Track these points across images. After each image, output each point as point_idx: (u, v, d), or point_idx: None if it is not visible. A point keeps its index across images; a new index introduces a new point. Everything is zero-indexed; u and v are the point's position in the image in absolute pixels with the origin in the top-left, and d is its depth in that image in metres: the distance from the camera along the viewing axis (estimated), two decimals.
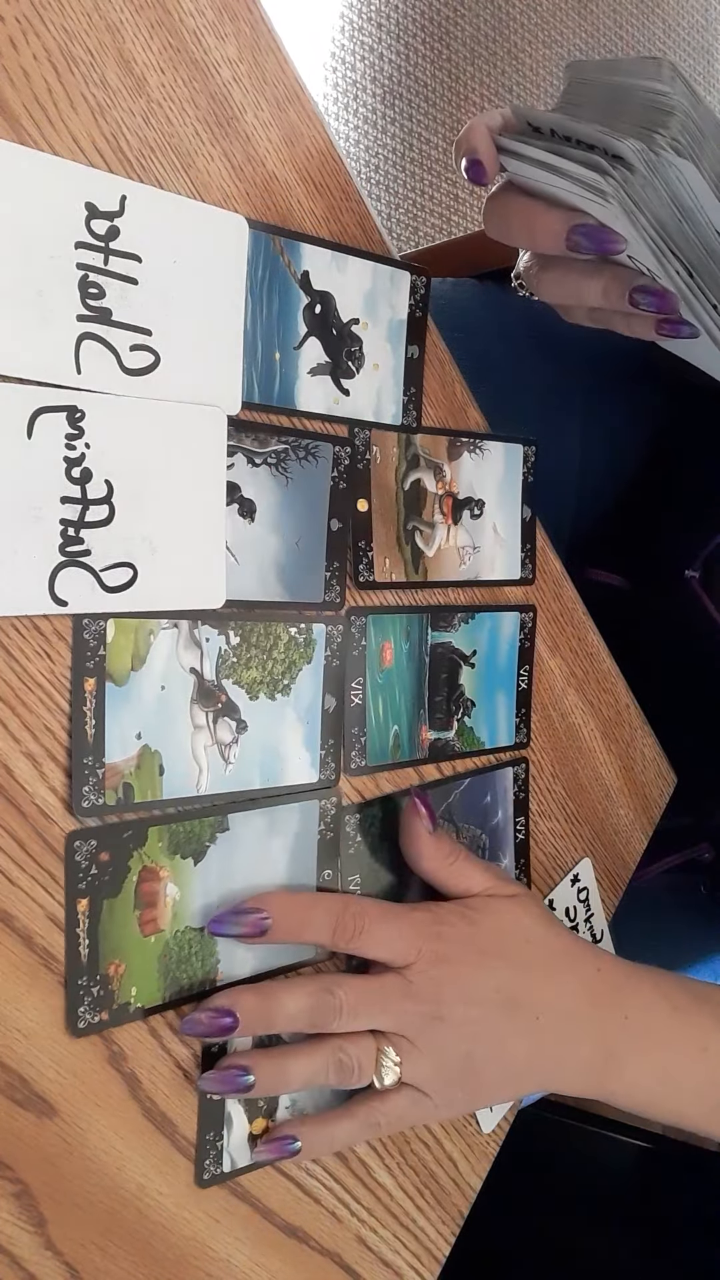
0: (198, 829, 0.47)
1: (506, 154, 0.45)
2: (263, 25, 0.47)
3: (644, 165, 0.41)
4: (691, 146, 0.41)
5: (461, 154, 0.46)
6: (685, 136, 0.41)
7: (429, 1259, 0.59)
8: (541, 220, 0.46)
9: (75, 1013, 0.43)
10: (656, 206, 0.43)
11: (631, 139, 0.41)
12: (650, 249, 0.44)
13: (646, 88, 0.42)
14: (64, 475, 0.41)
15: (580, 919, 0.65)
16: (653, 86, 0.42)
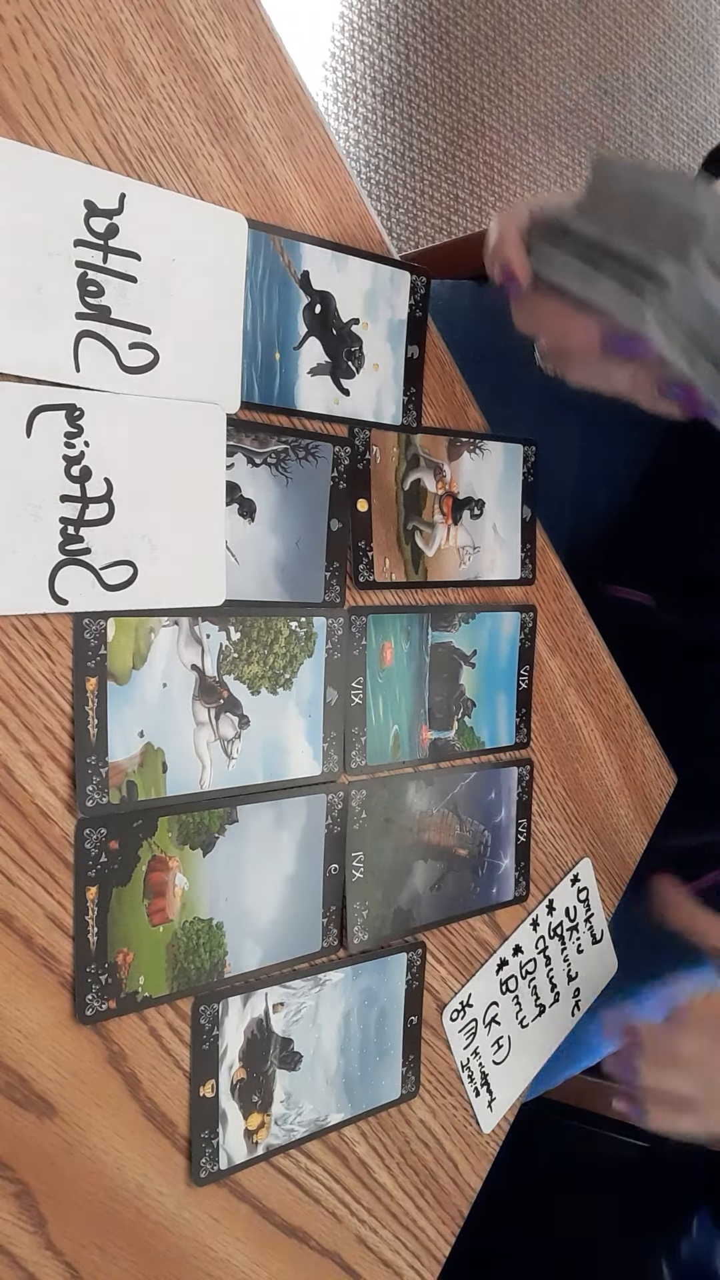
0: (207, 820, 0.47)
1: (540, 259, 0.47)
2: (263, 25, 0.47)
3: (681, 284, 0.43)
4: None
5: (495, 264, 0.48)
6: (717, 245, 0.43)
7: (429, 1259, 0.59)
8: (574, 324, 0.47)
9: (83, 1000, 0.43)
10: (690, 317, 0.44)
11: (670, 260, 0.43)
12: (681, 351, 0.46)
13: (679, 206, 0.43)
14: (63, 473, 0.41)
15: (580, 919, 0.65)
16: (687, 207, 0.43)
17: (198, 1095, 0.47)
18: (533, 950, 0.63)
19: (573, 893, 0.65)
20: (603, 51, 1.78)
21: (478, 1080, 0.60)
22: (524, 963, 0.62)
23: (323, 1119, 0.53)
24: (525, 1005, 0.63)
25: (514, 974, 0.62)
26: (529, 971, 0.63)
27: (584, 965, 0.67)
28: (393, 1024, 0.56)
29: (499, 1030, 0.61)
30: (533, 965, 0.63)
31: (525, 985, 0.62)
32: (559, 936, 0.64)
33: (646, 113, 1.87)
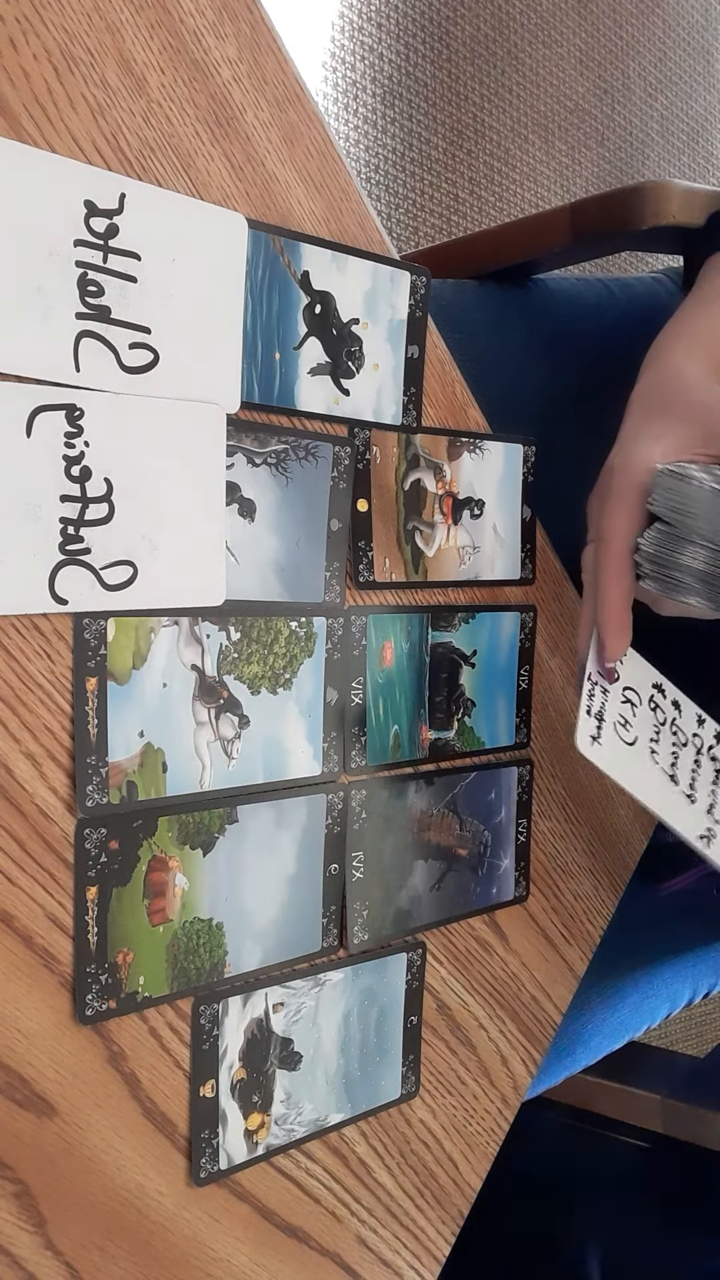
0: (207, 820, 0.47)
1: (663, 580, 0.51)
2: (263, 25, 0.47)
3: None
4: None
5: (605, 659, 0.53)
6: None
7: (429, 1259, 0.59)
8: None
9: (83, 1000, 0.43)
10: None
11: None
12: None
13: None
14: (63, 473, 0.41)
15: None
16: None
17: (198, 1095, 0.47)
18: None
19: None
20: (603, 51, 1.78)
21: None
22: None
23: (323, 1119, 0.53)
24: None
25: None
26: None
27: None
28: (393, 1024, 0.56)
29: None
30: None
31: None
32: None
33: (646, 113, 1.87)
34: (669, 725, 0.57)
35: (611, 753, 0.53)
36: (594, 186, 1.79)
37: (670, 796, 0.56)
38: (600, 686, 0.53)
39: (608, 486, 0.52)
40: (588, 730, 0.52)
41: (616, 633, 0.52)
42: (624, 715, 0.54)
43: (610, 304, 0.82)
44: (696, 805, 0.56)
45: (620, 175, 1.84)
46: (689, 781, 0.57)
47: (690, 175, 1.98)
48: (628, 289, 0.84)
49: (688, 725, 0.58)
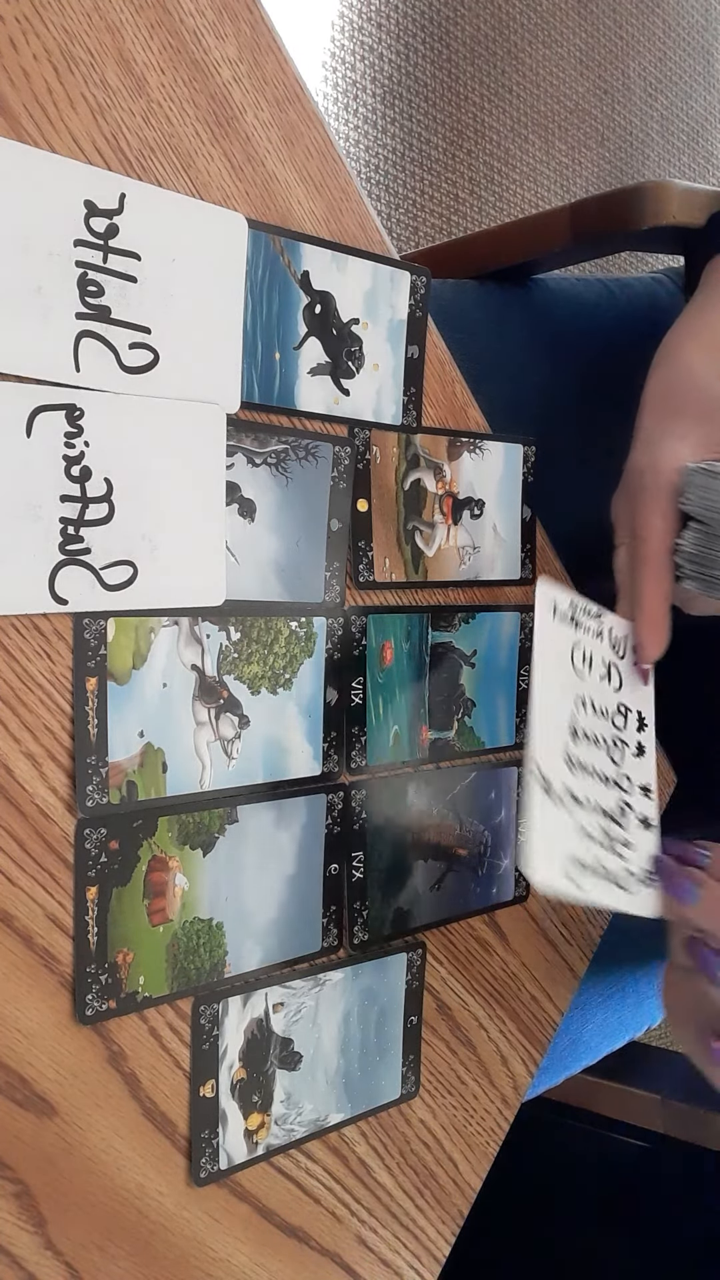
0: (207, 820, 0.47)
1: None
2: (263, 25, 0.47)
3: None
4: None
5: (643, 659, 0.53)
6: None
7: (429, 1259, 0.59)
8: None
9: (83, 1000, 0.43)
10: None
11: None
12: None
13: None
14: (63, 474, 0.41)
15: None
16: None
17: (198, 1095, 0.48)
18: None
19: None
20: (603, 51, 1.78)
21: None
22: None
23: (323, 1119, 0.53)
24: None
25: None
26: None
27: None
28: (393, 1024, 0.56)
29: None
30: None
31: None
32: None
33: (646, 113, 1.87)
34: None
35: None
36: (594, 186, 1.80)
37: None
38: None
39: (637, 487, 0.51)
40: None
41: (655, 631, 0.51)
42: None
43: (610, 304, 0.82)
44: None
45: (620, 175, 1.85)
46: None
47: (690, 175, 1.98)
48: (627, 289, 0.84)
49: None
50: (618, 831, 0.49)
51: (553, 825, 0.46)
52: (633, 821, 0.51)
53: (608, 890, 0.47)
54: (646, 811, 0.52)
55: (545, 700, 0.48)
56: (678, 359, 0.54)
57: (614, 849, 0.48)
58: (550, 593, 0.50)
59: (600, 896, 0.46)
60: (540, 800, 0.45)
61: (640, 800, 0.52)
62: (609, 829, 0.49)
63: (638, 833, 0.51)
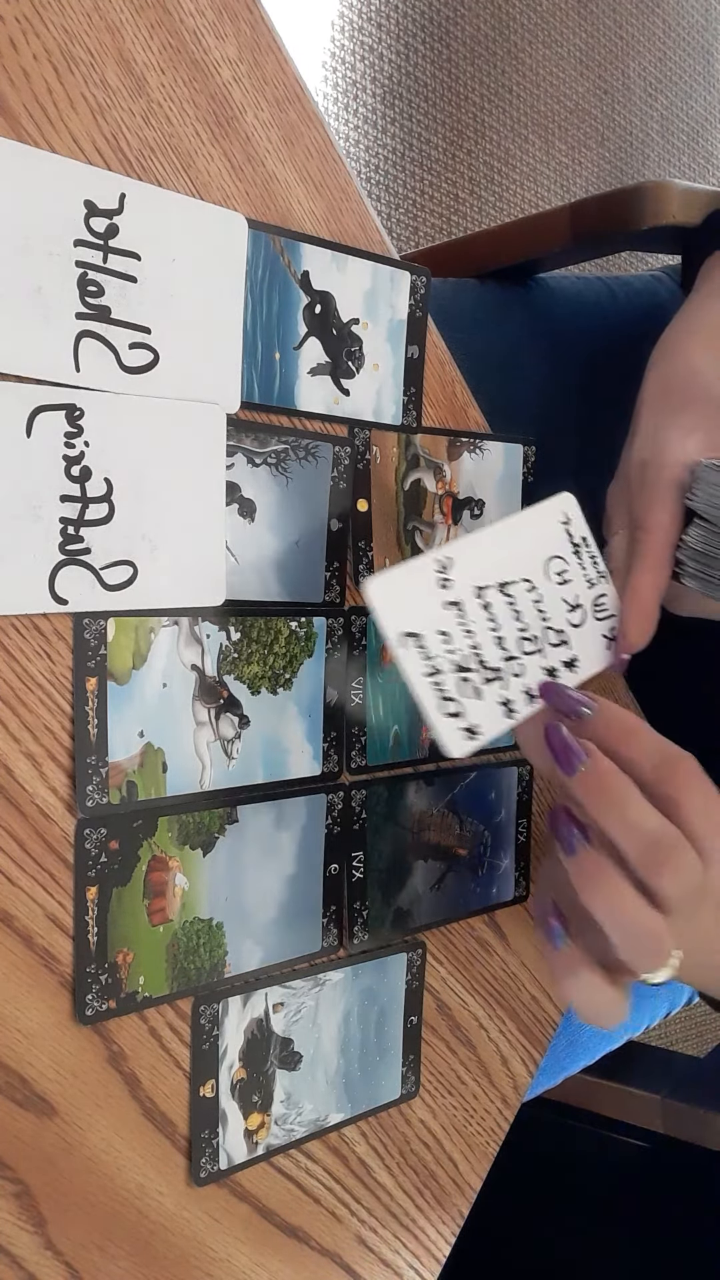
0: (207, 820, 0.47)
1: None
2: (263, 25, 0.47)
3: None
4: None
5: (624, 648, 0.50)
6: None
7: (429, 1259, 0.59)
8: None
9: (83, 1000, 0.43)
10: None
11: None
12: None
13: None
14: (63, 474, 0.41)
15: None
16: None
17: (198, 1095, 0.48)
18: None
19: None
20: (603, 51, 1.78)
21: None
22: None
23: (323, 1119, 0.53)
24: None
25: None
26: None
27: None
28: (393, 1024, 0.56)
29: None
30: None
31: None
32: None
33: (646, 113, 1.87)
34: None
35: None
36: (594, 186, 1.80)
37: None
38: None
39: (641, 479, 0.50)
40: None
41: (644, 620, 0.50)
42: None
43: (610, 302, 0.82)
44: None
45: (620, 175, 1.85)
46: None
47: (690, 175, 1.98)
48: (627, 287, 0.84)
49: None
50: (498, 661, 0.45)
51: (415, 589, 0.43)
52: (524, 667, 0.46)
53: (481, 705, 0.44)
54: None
55: (499, 539, 0.46)
56: (679, 355, 0.53)
57: (492, 676, 0.44)
58: (570, 508, 0.49)
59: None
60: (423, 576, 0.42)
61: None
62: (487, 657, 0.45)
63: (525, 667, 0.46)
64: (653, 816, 0.40)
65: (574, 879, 0.42)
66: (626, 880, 0.41)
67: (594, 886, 0.41)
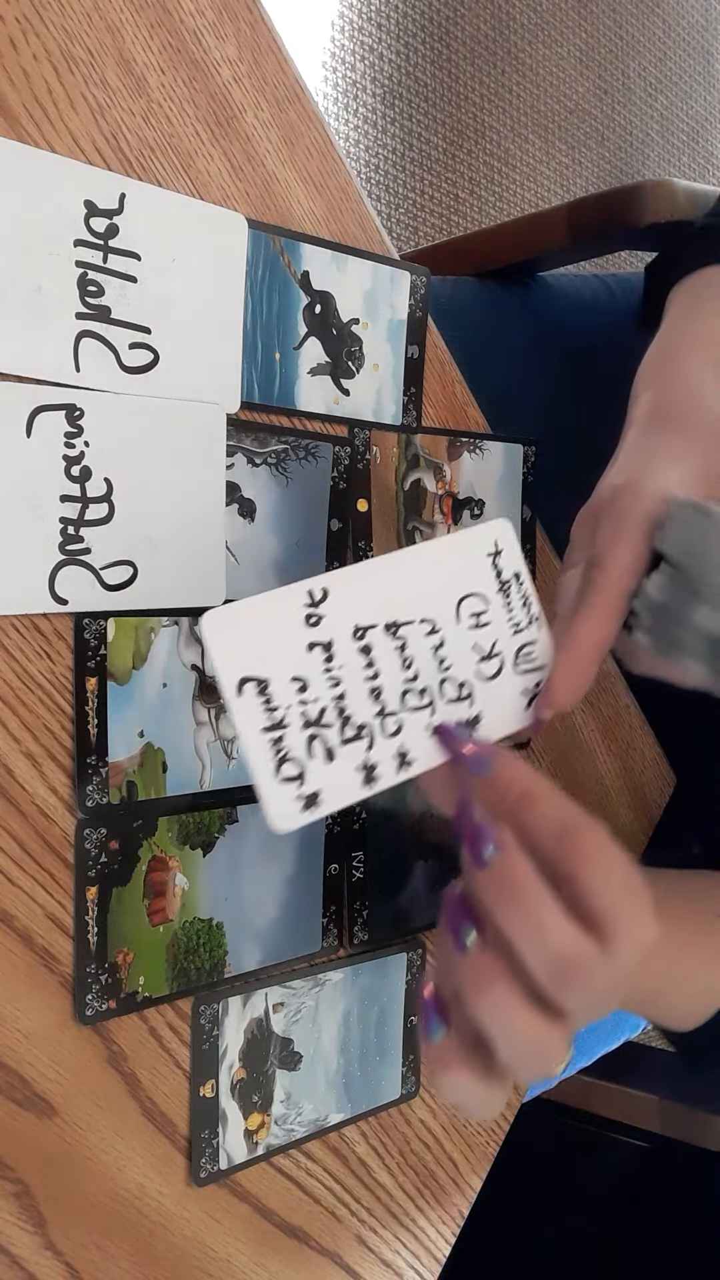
0: (207, 820, 0.47)
1: (662, 642, 0.43)
2: (263, 25, 0.47)
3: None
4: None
5: (545, 705, 0.42)
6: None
7: (429, 1259, 0.59)
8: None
9: (83, 1000, 0.43)
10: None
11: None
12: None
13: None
14: (63, 473, 0.41)
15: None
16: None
17: (198, 1095, 0.48)
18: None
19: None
20: (603, 51, 1.78)
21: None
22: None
23: (323, 1119, 0.53)
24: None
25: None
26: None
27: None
28: (393, 1024, 0.56)
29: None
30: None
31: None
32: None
33: (646, 113, 1.87)
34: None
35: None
36: (594, 186, 1.80)
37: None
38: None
39: (609, 509, 0.44)
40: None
41: (574, 676, 0.42)
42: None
43: (609, 301, 0.82)
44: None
45: (620, 175, 1.85)
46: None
47: (690, 175, 1.98)
48: (625, 284, 0.84)
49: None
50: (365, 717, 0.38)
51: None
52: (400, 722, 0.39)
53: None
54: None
55: (399, 570, 0.39)
56: (681, 370, 0.48)
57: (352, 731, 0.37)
58: (502, 537, 0.41)
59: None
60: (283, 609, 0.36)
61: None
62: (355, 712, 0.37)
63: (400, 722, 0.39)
64: (565, 932, 0.35)
65: (462, 980, 0.36)
66: (522, 991, 0.36)
67: (484, 995, 0.36)
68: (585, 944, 0.35)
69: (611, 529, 0.43)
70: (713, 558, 0.41)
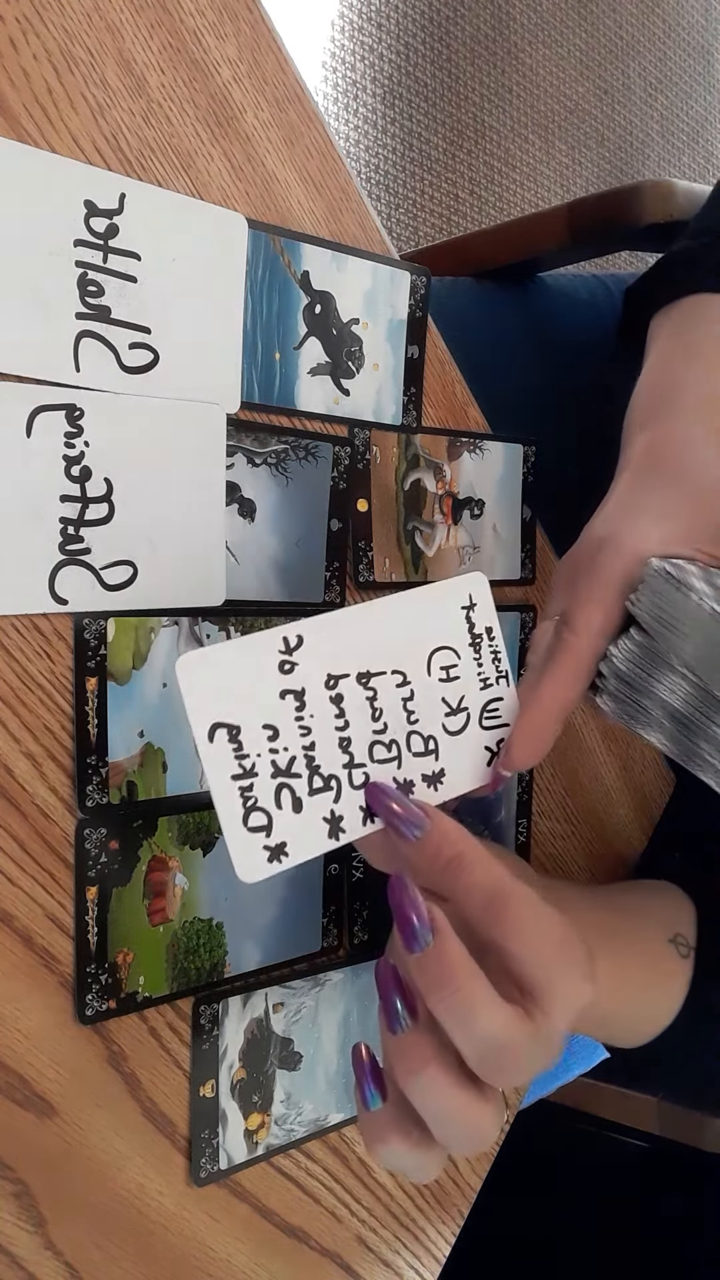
0: (207, 820, 0.47)
1: (626, 709, 0.42)
2: (263, 25, 0.47)
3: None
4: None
5: (505, 764, 0.42)
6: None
7: (429, 1259, 0.59)
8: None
9: (83, 1000, 0.43)
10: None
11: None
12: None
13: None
14: (63, 474, 0.41)
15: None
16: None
17: (198, 1095, 0.48)
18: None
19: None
20: (603, 51, 1.78)
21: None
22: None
23: (323, 1119, 0.53)
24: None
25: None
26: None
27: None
28: None
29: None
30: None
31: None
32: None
33: (646, 113, 1.87)
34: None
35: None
36: (594, 186, 1.80)
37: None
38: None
39: (589, 562, 0.43)
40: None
41: (533, 737, 0.42)
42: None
43: (608, 301, 0.82)
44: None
45: (620, 175, 1.85)
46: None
47: (690, 175, 1.98)
48: (624, 285, 0.84)
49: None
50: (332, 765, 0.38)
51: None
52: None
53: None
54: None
55: (374, 619, 0.39)
56: (677, 420, 0.47)
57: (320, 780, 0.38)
58: (477, 591, 0.41)
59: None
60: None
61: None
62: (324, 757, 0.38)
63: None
64: (496, 1018, 0.34)
65: (394, 1061, 0.36)
66: (453, 1074, 0.35)
67: (415, 1077, 0.35)
68: (517, 1027, 0.35)
69: (587, 586, 0.43)
70: (681, 629, 0.40)
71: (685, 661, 0.40)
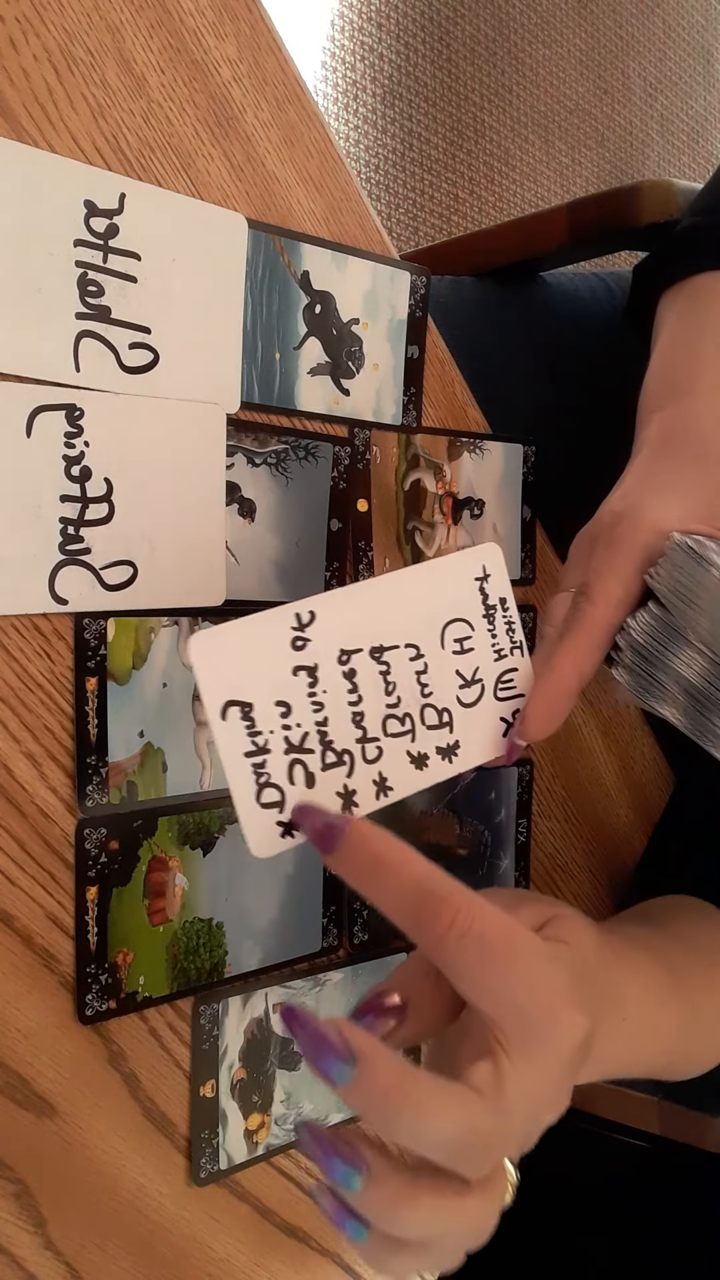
0: (207, 820, 0.47)
1: (642, 685, 0.42)
2: (263, 25, 0.47)
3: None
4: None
5: (519, 734, 0.42)
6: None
7: None
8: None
9: (83, 1000, 0.43)
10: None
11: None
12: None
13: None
14: (63, 473, 0.41)
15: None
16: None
17: (198, 1095, 0.48)
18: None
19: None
20: (603, 51, 1.78)
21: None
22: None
23: (323, 1119, 0.53)
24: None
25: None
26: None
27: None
28: None
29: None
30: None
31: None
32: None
33: (646, 113, 1.87)
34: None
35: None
36: (594, 186, 1.80)
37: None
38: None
39: (607, 536, 0.43)
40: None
41: (549, 706, 0.41)
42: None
43: (608, 299, 0.82)
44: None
45: (620, 175, 1.85)
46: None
47: (690, 175, 1.98)
48: (625, 283, 0.84)
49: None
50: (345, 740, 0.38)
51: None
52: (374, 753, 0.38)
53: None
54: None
55: (385, 593, 0.38)
56: (692, 391, 0.47)
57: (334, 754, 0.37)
58: (491, 561, 0.41)
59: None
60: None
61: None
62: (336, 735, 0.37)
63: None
64: (449, 1117, 0.31)
65: (363, 1212, 0.33)
66: (432, 1190, 0.32)
67: (395, 1219, 0.32)
68: (476, 1113, 0.31)
69: (605, 558, 0.42)
70: (700, 604, 0.40)
71: (702, 636, 0.40)
